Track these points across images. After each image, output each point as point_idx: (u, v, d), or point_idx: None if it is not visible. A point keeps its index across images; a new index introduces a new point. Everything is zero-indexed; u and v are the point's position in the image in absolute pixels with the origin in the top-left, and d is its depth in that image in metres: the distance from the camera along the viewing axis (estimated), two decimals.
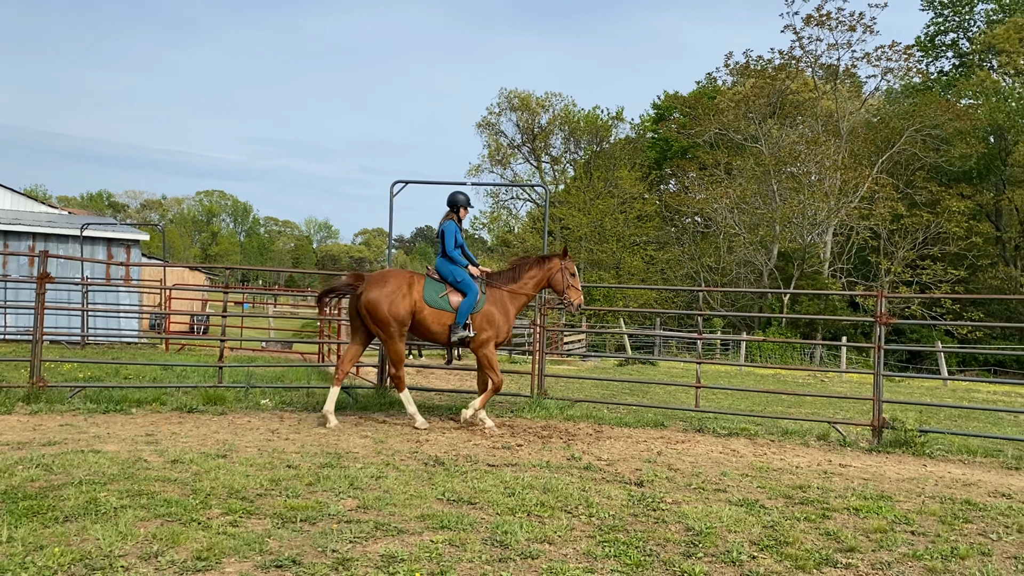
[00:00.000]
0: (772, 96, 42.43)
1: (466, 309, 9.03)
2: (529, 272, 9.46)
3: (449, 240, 9.23)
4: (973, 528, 5.56)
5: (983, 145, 42.20)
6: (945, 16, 51.12)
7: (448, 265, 9.22)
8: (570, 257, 9.59)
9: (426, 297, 9.00)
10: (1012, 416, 13.81)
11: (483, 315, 9.15)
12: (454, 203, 9.42)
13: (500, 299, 9.31)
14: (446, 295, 9.10)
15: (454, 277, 9.15)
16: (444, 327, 9.07)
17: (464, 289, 9.10)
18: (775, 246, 40.23)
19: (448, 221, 9.36)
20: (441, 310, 9.04)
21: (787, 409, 13.22)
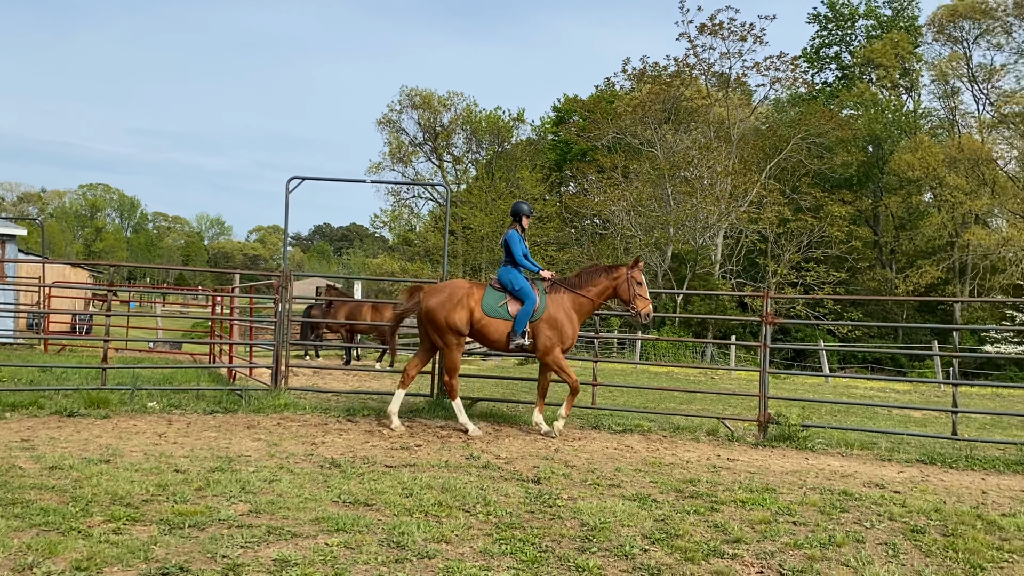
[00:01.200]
0: (667, 102, 43.62)
1: (523, 317, 9.09)
2: (595, 280, 9.44)
3: (516, 248, 9.34)
4: (849, 517, 5.87)
5: (863, 154, 44.57)
6: (829, 30, 53.73)
7: (508, 273, 9.30)
8: (639, 267, 9.51)
9: (484, 306, 9.17)
10: (886, 411, 14.64)
11: (545, 321, 9.17)
12: (517, 212, 9.59)
13: (563, 305, 9.30)
14: (505, 304, 9.20)
15: (513, 285, 9.22)
16: (503, 335, 9.19)
17: (522, 297, 9.16)
18: (669, 248, 41.38)
19: (511, 230, 9.50)
20: (500, 319, 9.16)
21: (679, 406, 13.62)
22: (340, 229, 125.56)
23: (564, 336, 9.19)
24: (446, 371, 9.42)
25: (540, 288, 9.33)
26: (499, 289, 9.30)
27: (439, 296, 9.21)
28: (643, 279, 9.42)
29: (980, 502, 6.60)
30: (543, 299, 9.22)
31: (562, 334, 9.17)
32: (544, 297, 9.25)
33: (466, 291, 9.23)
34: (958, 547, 5.13)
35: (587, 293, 9.35)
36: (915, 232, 44.47)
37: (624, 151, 44.67)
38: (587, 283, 9.40)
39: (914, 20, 51.52)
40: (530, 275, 9.45)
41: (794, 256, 41.01)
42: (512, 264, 9.35)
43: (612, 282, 9.35)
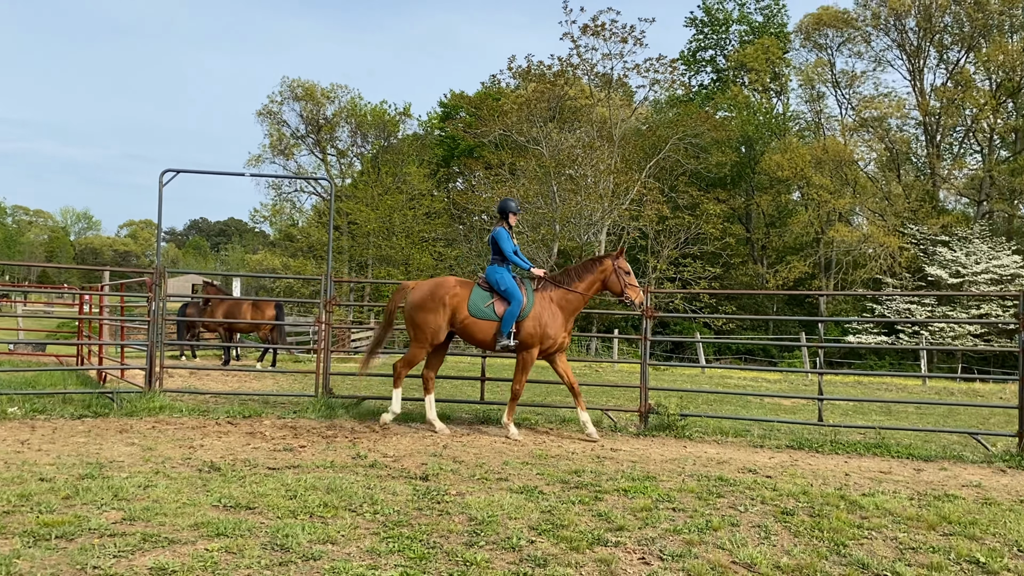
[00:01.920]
0: (552, 101, 44.22)
1: (510, 318, 8.97)
2: (582, 275, 9.32)
3: (505, 245, 9.20)
4: (725, 502, 6.13)
5: (736, 154, 46.49)
6: (705, 34, 55.77)
7: (495, 272, 9.19)
8: (623, 255, 9.42)
9: (471, 306, 9.09)
10: (758, 399, 15.35)
11: (532, 319, 9.06)
12: (504, 209, 9.49)
13: (551, 304, 9.18)
14: (492, 304, 9.10)
15: (499, 285, 9.11)
16: (489, 335, 9.11)
17: (508, 297, 9.05)
18: (555, 244, 41.99)
19: (498, 228, 9.37)
20: (486, 319, 9.07)
21: (564, 399, 13.87)
22: (217, 224, 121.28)
23: (544, 336, 9.07)
24: (404, 361, 9.39)
25: (528, 287, 9.25)
26: (486, 288, 9.21)
27: (421, 293, 9.24)
28: (630, 268, 9.37)
29: (843, 484, 7.03)
30: (530, 298, 9.13)
31: (543, 334, 9.06)
32: (532, 296, 9.16)
33: (449, 290, 9.18)
34: (824, 526, 5.45)
35: (576, 289, 9.24)
36: (784, 229, 46.75)
37: (511, 148, 45.01)
38: (575, 279, 9.31)
39: (783, 27, 54.12)
40: (520, 272, 9.38)
41: (673, 252, 42.37)
42: (499, 262, 9.25)
43: (600, 275, 9.27)
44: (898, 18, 43.95)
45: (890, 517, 5.80)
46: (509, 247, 9.19)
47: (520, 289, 9.10)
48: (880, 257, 40.19)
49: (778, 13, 55.03)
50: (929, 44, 44.44)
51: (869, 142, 46.49)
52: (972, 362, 36.30)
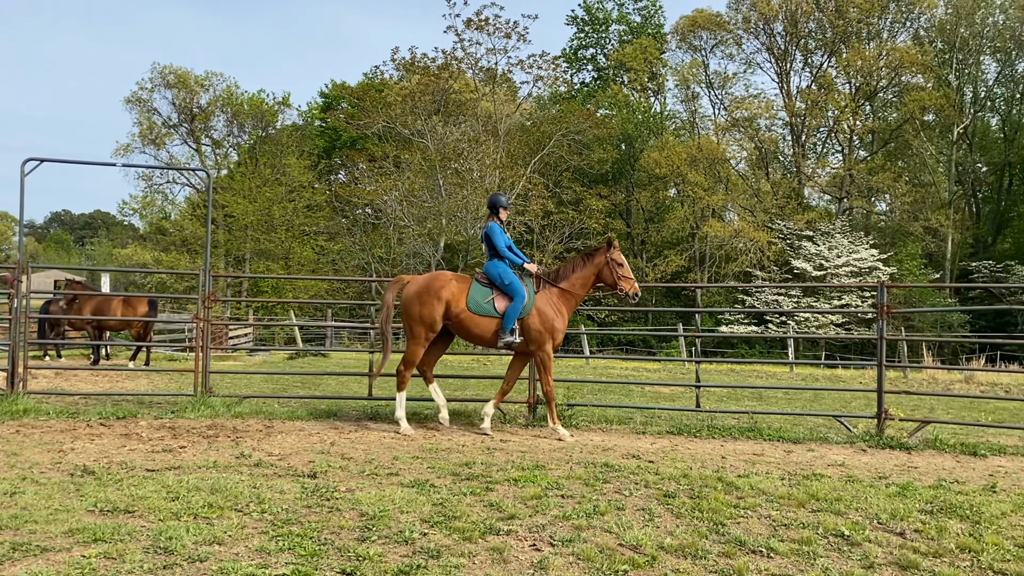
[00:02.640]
0: (437, 94, 44.08)
1: (512, 314, 8.81)
2: (578, 270, 9.17)
3: (498, 240, 9.05)
4: (611, 487, 6.33)
5: (617, 152, 47.69)
6: (586, 32, 56.87)
7: (496, 267, 9.01)
8: (615, 247, 9.22)
9: (470, 302, 8.89)
10: (640, 388, 15.86)
11: (536, 316, 8.92)
12: (495, 204, 9.35)
13: (551, 299, 9.05)
14: (492, 300, 8.92)
15: (502, 280, 8.94)
16: (490, 332, 8.91)
17: (511, 292, 8.88)
18: (442, 238, 41.94)
19: (491, 223, 9.20)
20: (486, 315, 8.87)
21: (454, 392, 13.91)
22: (82, 217, 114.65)
23: (554, 331, 8.97)
24: (403, 361, 9.17)
25: (528, 282, 9.11)
26: (486, 284, 9.04)
27: (416, 287, 9.03)
28: (623, 259, 9.25)
29: (720, 466, 7.37)
30: (531, 294, 9.01)
31: (552, 329, 8.95)
32: (532, 292, 9.03)
33: (446, 284, 8.97)
34: (703, 507, 5.71)
35: (572, 285, 9.14)
36: (662, 224, 48.32)
37: (395, 141, 44.60)
38: (571, 274, 9.18)
39: (660, 28, 55.84)
40: (514, 268, 9.20)
41: (557, 247, 43.08)
42: (497, 257, 9.10)
43: (595, 268, 9.15)
44: (767, 22, 46.12)
45: (764, 496, 6.13)
46: (502, 242, 9.08)
47: (522, 285, 8.98)
48: (750, 251, 42.13)
49: (655, 14, 56.74)
50: (795, 48, 46.85)
51: (740, 141, 48.64)
52: (835, 349, 38.61)
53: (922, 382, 19.35)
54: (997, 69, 48.44)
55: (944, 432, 9.75)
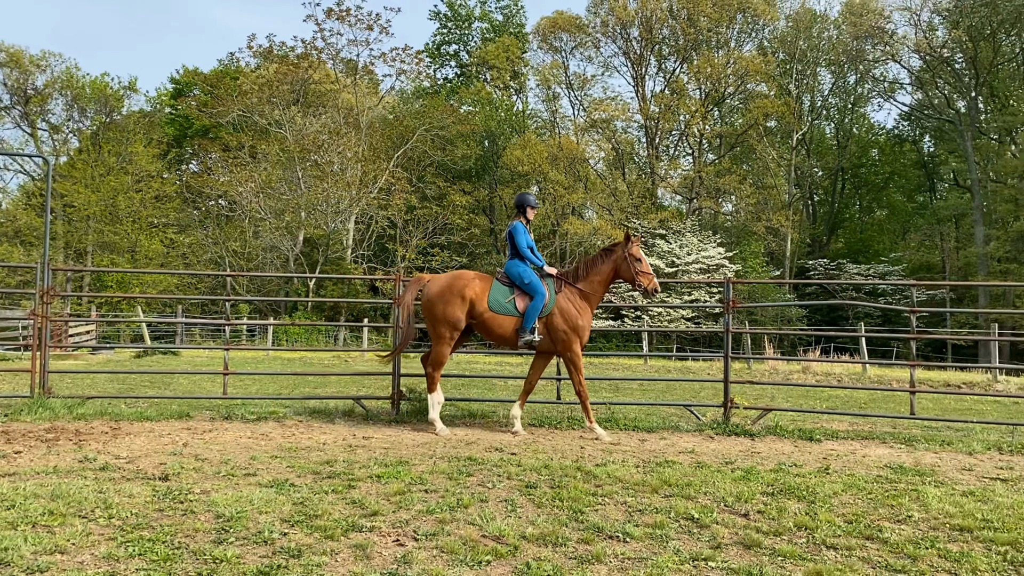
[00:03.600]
0: (296, 84, 42.91)
1: (533, 313, 8.74)
2: (597, 268, 9.10)
3: (520, 240, 8.97)
4: (474, 480, 6.40)
5: (480, 148, 48.03)
6: (449, 28, 56.89)
7: (516, 267, 8.95)
8: (633, 241, 9.09)
9: (491, 301, 8.83)
10: (503, 381, 16.08)
11: (558, 316, 8.84)
12: (522, 203, 9.23)
13: (573, 298, 8.97)
14: (513, 299, 8.85)
15: (522, 279, 8.87)
16: (511, 331, 8.84)
17: (531, 292, 8.81)
18: (301, 232, 40.89)
19: (515, 222, 9.12)
20: (507, 315, 8.82)
21: (314, 390, 13.64)
22: None
23: (579, 328, 8.89)
24: (431, 363, 9.06)
25: (549, 283, 9.01)
26: (506, 283, 8.98)
27: (438, 286, 8.92)
28: (641, 254, 9.12)
29: (580, 456, 7.60)
30: (552, 293, 8.91)
31: (576, 326, 8.87)
32: (553, 291, 8.94)
33: (468, 283, 8.88)
34: (563, 496, 5.88)
35: (592, 284, 9.07)
36: None
37: (252, 131, 43.08)
38: (591, 273, 9.10)
39: (522, 27, 56.63)
40: (534, 269, 9.11)
41: (421, 242, 42.93)
42: (518, 257, 9.04)
43: (612, 264, 9.08)
44: (623, 27, 47.66)
45: (620, 484, 6.38)
46: (524, 242, 9.00)
47: (543, 284, 8.91)
48: None
49: (517, 13, 57.47)
50: (650, 53, 48.67)
51: (598, 142, 50.07)
52: (685, 343, 40.46)
53: (764, 372, 20.63)
54: (831, 81, 52.18)
55: (784, 419, 10.44)
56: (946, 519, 5.54)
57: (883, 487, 6.51)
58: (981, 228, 43.30)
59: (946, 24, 45.17)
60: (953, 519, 5.52)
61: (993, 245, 42.21)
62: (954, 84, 46.45)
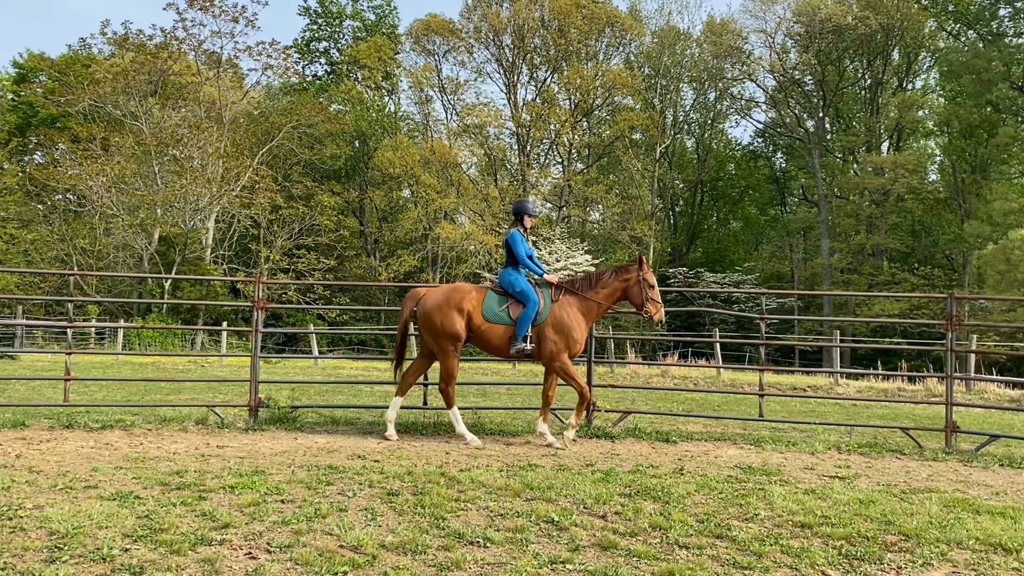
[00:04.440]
0: (154, 74, 40.81)
1: (525, 321, 8.65)
2: (603, 282, 8.99)
3: (519, 248, 8.89)
4: (334, 489, 6.24)
5: (350, 148, 47.20)
6: (319, 25, 55.66)
7: (509, 275, 8.89)
8: (648, 268, 9.01)
9: (485, 311, 8.76)
10: (370, 387, 15.82)
11: (550, 325, 8.73)
12: (520, 211, 9.13)
13: (569, 308, 8.85)
14: (507, 308, 8.78)
15: (514, 288, 8.79)
16: (505, 340, 8.74)
17: (524, 300, 8.73)
18: (156, 230, 38.90)
19: (513, 230, 9.01)
20: (501, 324, 8.73)
21: (167, 396, 12.97)
22: None
23: (571, 340, 8.75)
24: (442, 379, 8.99)
25: (544, 291, 8.91)
26: (500, 293, 8.91)
27: (435, 299, 8.81)
28: (655, 281, 8.99)
29: (444, 461, 7.56)
30: (547, 302, 8.82)
31: (568, 339, 8.74)
32: (548, 300, 8.83)
33: (465, 295, 8.82)
34: (426, 503, 5.81)
35: (594, 296, 8.93)
36: (396, 224, 48.61)
37: (104, 122, 40.66)
38: (595, 285, 8.99)
39: (394, 28, 56.12)
40: (534, 278, 9.03)
41: (286, 243, 41.74)
42: (512, 265, 8.97)
43: (622, 284, 8.96)
44: (496, 34, 48.07)
45: (483, 488, 6.38)
46: (523, 250, 8.93)
47: (536, 292, 8.81)
48: (479, 253, 43.68)
49: (390, 14, 56.94)
50: (522, 62, 49.30)
51: (471, 147, 50.24)
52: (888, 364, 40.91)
53: (626, 376, 21.25)
54: (693, 96, 54.56)
55: (643, 421, 10.77)
56: (789, 516, 5.84)
57: (733, 487, 6.81)
58: (826, 241, 46.29)
59: (798, 48, 48.10)
60: (796, 516, 5.83)
61: (836, 257, 45.21)
62: (804, 105, 49.49)
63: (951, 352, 9.91)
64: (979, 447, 9.37)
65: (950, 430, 9.68)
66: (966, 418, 13.57)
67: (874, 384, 21.27)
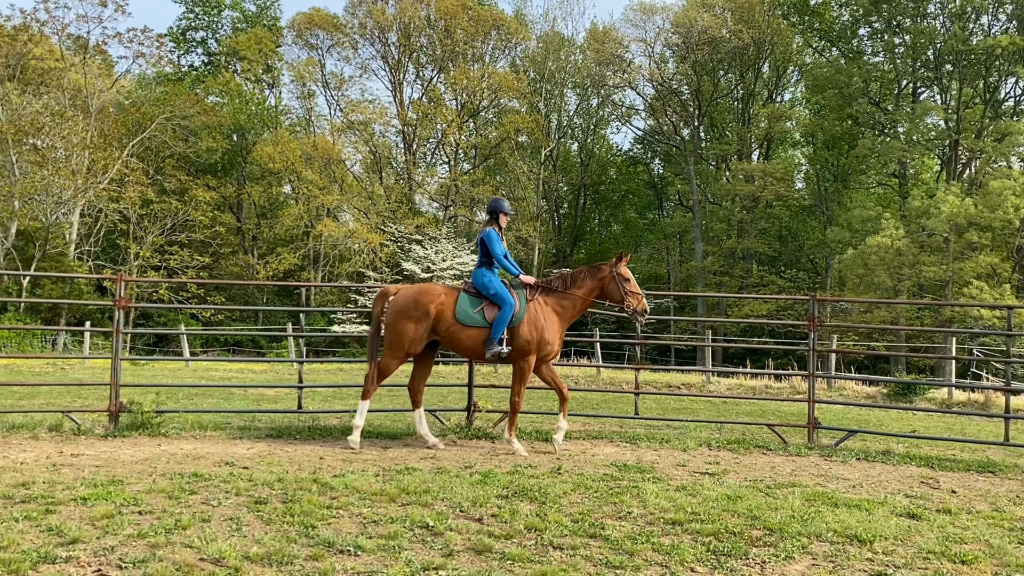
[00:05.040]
0: (12, 58, 38.13)
1: (501, 323, 8.40)
2: (579, 282, 8.85)
3: (495, 248, 8.67)
4: (198, 498, 5.93)
5: (228, 142, 45.51)
6: (196, 13, 53.43)
7: (483, 276, 8.62)
8: (624, 261, 8.89)
9: (459, 313, 8.50)
10: (243, 391, 15.26)
11: (526, 325, 8.53)
12: (495, 209, 8.95)
13: (545, 310, 8.69)
14: (482, 310, 8.52)
15: (488, 289, 8.55)
16: (479, 343, 8.50)
17: (499, 302, 8.48)
18: (14, 224, 36.35)
19: (488, 228, 8.82)
20: (476, 326, 8.48)
21: (19, 401, 12.10)
22: None
23: (544, 341, 8.59)
24: (371, 373, 8.78)
25: (520, 292, 8.69)
26: (474, 294, 8.66)
27: (405, 300, 8.57)
28: (630, 274, 8.86)
29: (317, 467, 7.33)
30: (523, 302, 8.59)
31: (542, 339, 8.57)
32: (523, 300, 8.62)
33: (434, 297, 8.56)
34: (295, 511, 5.61)
35: (571, 297, 8.77)
36: (275, 221, 47.21)
37: None
38: (571, 286, 8.83)
39: (276, 20, 54.49)
40: (509, 278, 8.82)
41: (158, 239, 39.85)
42: (487, 265, 8.72)
43: (598, 283, 8.81)
44: (382, 31, 47.46)
45: (357, 495, 6.21)
46: (500, 250, 8.73)
47: (511, 293, 8.58)
48: (364, 252, 42.99)
49: (271, 6, 55.33)
50: (408, 60, 48.88)
51: (355, 144, 49.38)
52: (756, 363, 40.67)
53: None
54: (576, 102, 55.54)
55: (523, 421, 10.81)
56: (661, 514, 5.96)
57: (608, 485, 6.90)
58: (700, 244, 48.01)
59: (675, 58, 49.68)
60: (667, 513, 5.96)
61: (710, 260, 46.98)
62: (681, 113, 51.16)
63: (813, 352, 10.41)
64: (838, 442, 9.88)
65: (812, 426, 10.16)
66: (827, 414, 14.32)
67: (743, 382, 22.18)
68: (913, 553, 5.22)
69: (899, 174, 41.61)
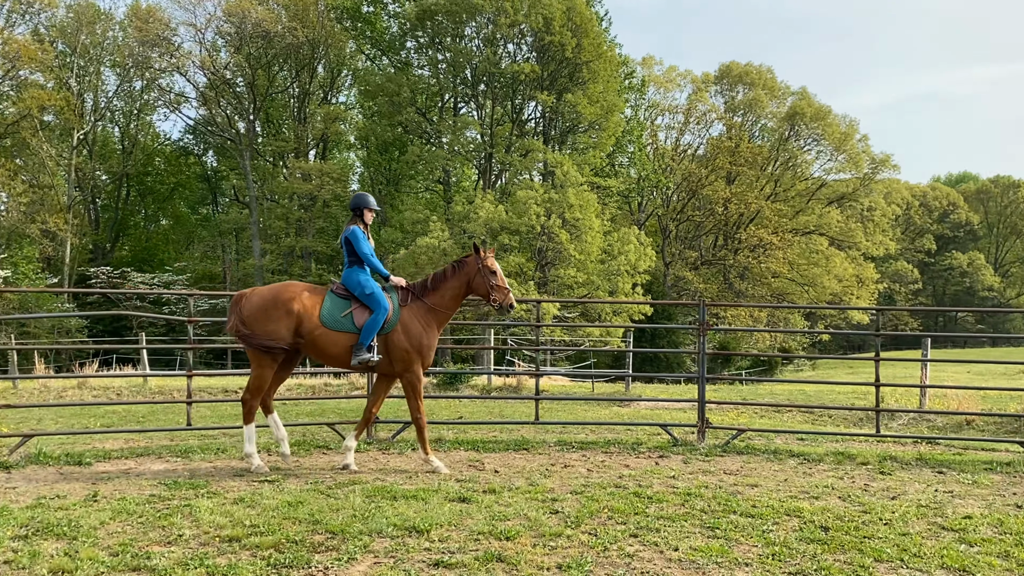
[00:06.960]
0: None
1: (371, 328, 7.63)
2: (447, 281, 8.05)
3: (361, 246, 7.83)
4: None
5: None
6: None
7: (357, 275, 7.80)
8: (490, 253, 8.09)
9: (324, 316, 7.68)
10: None
11: (401, 333, 7.78)
12: (359, 205, 8.06)
13: (419, 314, 7.91)
14: (351, 313, 7.70)
15: (363, 290, 7.72)
16: (346, 349, 7.66)
17: (372, 305, 7.68)
18: None
19: (352, 226, 7.94)
20: (343, 331, 7.66)
21: None
22: None
23: (424, 347, 7.89)
24: (248, 389, 7.79)
25: (393, 296, 7.91)
26: (343, 295, 7.80)
27: (261, 300, 7.66)
28: (497, 266, 8.11)
29: None
30: (396, 308, 7.84)
31: (422, 345, 7.88)
32: (397, 305, 7.86)
33: (296, 295, 7.65)
34: None
35: (442, 299, 8.02)
36: None
37: None
38: (440, 287, 8.06)
39: None
40: (378, 280, 7.89)
41: None
42: (357, 265, 7.84)
43: (465, 278, 8.08)
44: None
45: None
46: (367, 248, 7.92)
47: (386, 297, 7.79)
48: None
49: None
50: None
51: None
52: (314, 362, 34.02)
53: (34, 392, 18.42)
54: (116, 83, 50.41)
55: (50, 443, 9.34)
56: (217, 531, 5.53)
57: (155, 507, 6.23)
58: (258, 242, 46.91)
59: (229, 48, 47.72)
60: (224, 530, 5.54)
61: (268, 258, 46.17)
62: (236, 106, 49.31)
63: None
64: (394, 435, 10.24)
65: (371, 423, 10.39)
66: (383, 410, 14.84)
67: (303, 381, 22.10)
68: (465, 536, 5.54)
69: (444, 181, 45.18)
